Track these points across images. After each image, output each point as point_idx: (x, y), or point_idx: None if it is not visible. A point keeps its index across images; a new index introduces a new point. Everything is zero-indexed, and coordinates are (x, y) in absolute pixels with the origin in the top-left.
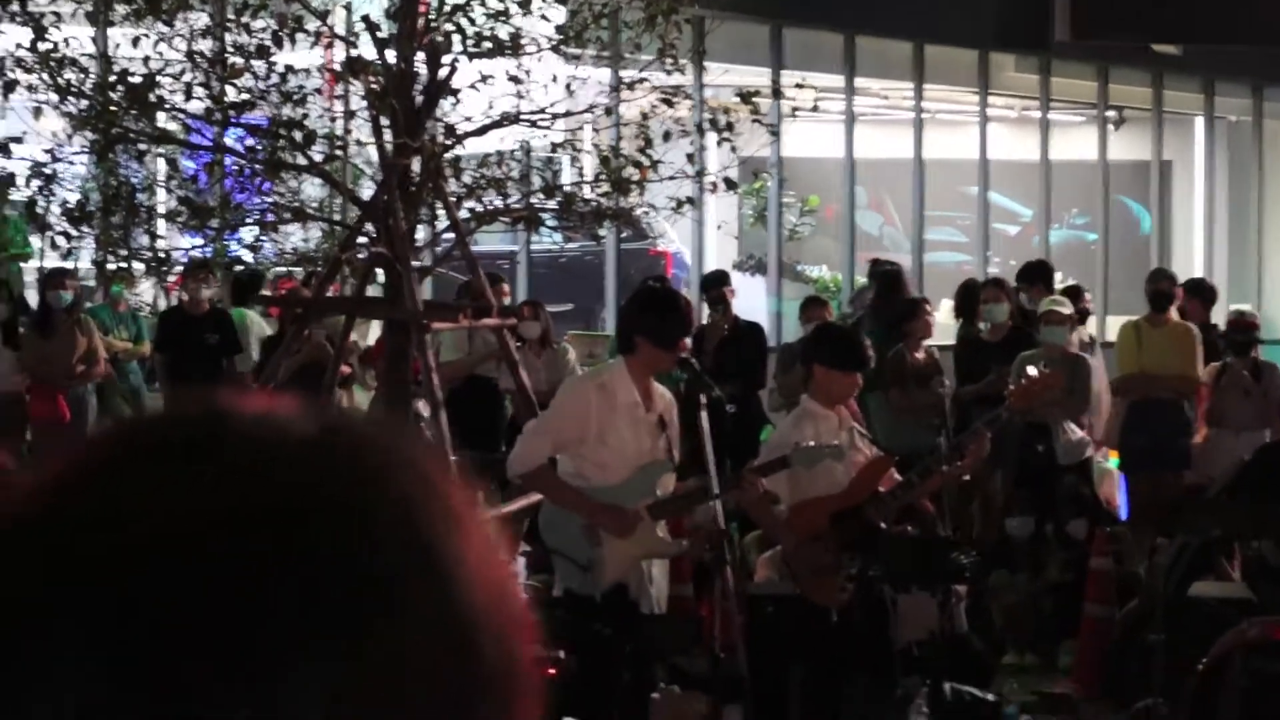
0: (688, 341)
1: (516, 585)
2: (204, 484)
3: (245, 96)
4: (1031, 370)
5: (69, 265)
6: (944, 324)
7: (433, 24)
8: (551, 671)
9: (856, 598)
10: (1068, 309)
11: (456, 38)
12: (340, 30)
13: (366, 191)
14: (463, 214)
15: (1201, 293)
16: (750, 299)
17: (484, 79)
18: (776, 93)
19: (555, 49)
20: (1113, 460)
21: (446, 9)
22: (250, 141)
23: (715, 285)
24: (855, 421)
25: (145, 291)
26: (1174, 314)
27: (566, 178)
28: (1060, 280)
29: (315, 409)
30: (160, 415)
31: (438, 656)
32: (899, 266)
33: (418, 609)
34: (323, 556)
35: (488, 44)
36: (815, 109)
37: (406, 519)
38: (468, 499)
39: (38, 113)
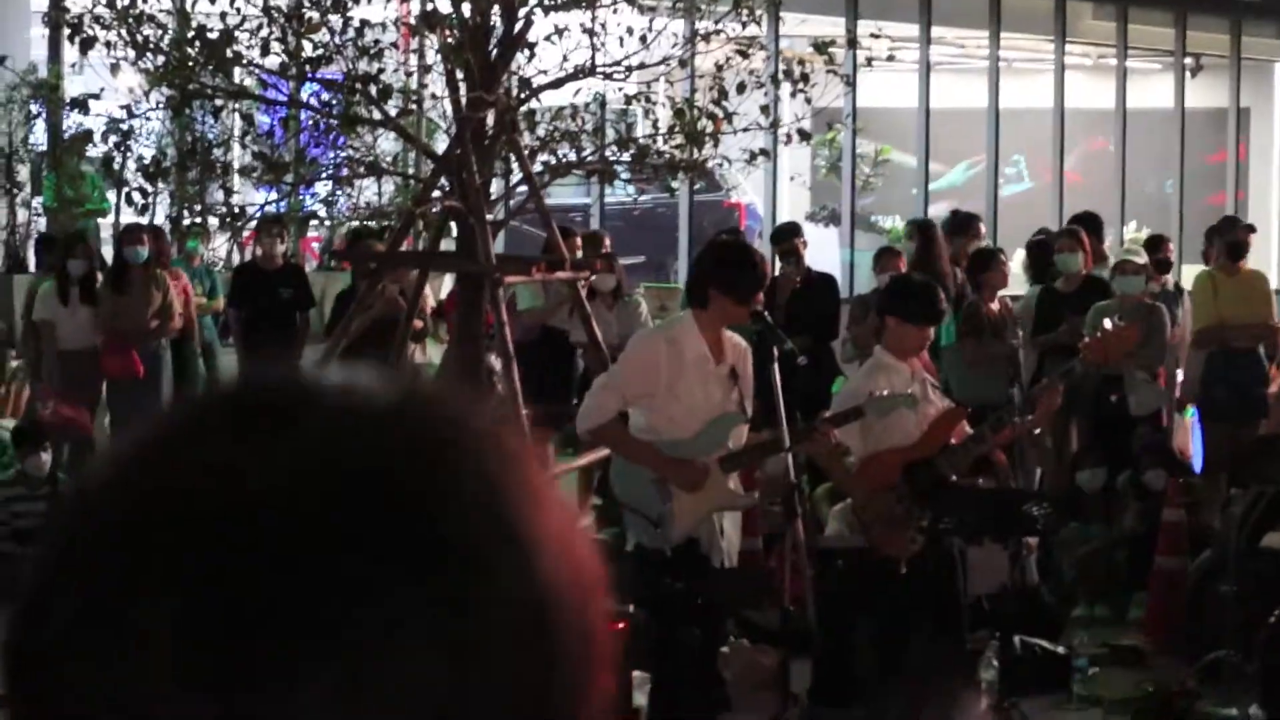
0: (761, 295)
1: (594, 556)
2: (289, 451)
3: (321, 51)
4: (1107, 323)
5: (144, 220)
6: (1017, 274)
7: None
8: (621, 625)
9: (926, 550)
10: (1142, 258)
11: None
12: None
13: (441, 146)
14: (536, 168)
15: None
16: (823, 250)
17: (559, 32)
18: (851, 42)
19: (631, 1)
20: (1188, 411)
21: None
22: (326, 96)
23: (787, 237)
24: (928, 373)
25: (220, 246)
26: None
27: (641, 130)
28: (1136, 229)
29: (396, 377)
30: (245, 382)
31: (520, 627)
32: (931, 221)
33: (501, 580)
34: (407, 527)
35: None
36: (891, 58)
37: (488, 490)
38: (544, 470)
39: (115, 69)
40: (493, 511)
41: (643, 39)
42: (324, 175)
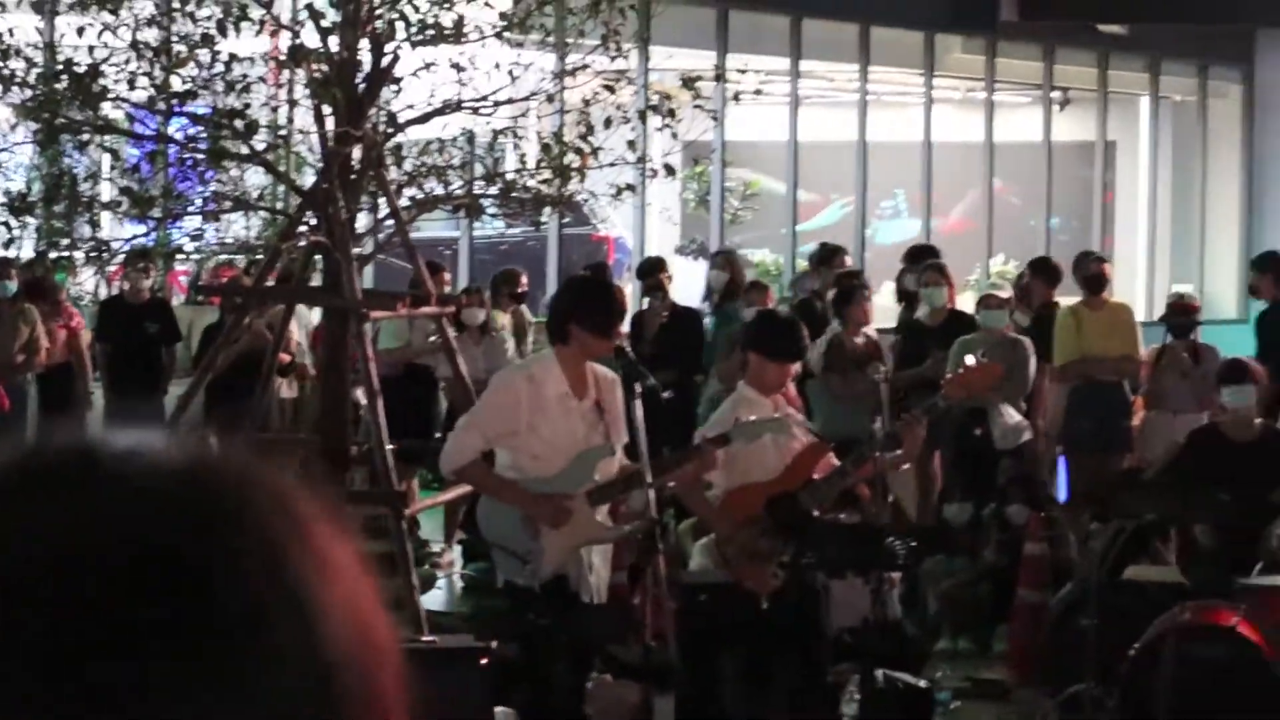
0: (623, 330)
1: (385, 620)
2: (71, 519)
3: (189, 86)
4: (969, 359)
5: (10, 255)
6: (887, 307)
7: (376, 12)
8: (484, 661)
9: (789, 584)
10: (1006, 293)
11: (400, 25)
12: (285, 18)
13: (310, 180)
14: (403, 202)
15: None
16: (693, 283)
17: (427, 66)
18: (719, 77)
19: (499, 35)
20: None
21: None
22: (193, 130)
23: (652, 272)
24: (793, 407)
25: (86, 281)
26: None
27: (509, 164)
28: (1004, 262)
29: (186, 442)
30: (30, 447)
31: (301, 695)
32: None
33: (283, 647)
34: (189, 595)
35: (430, 31)
36: (758, 93)
37: (274, 558)
38: (337, 535)
39: None
40: (275, 579)
41: (510, 74)
42: (191, 210)
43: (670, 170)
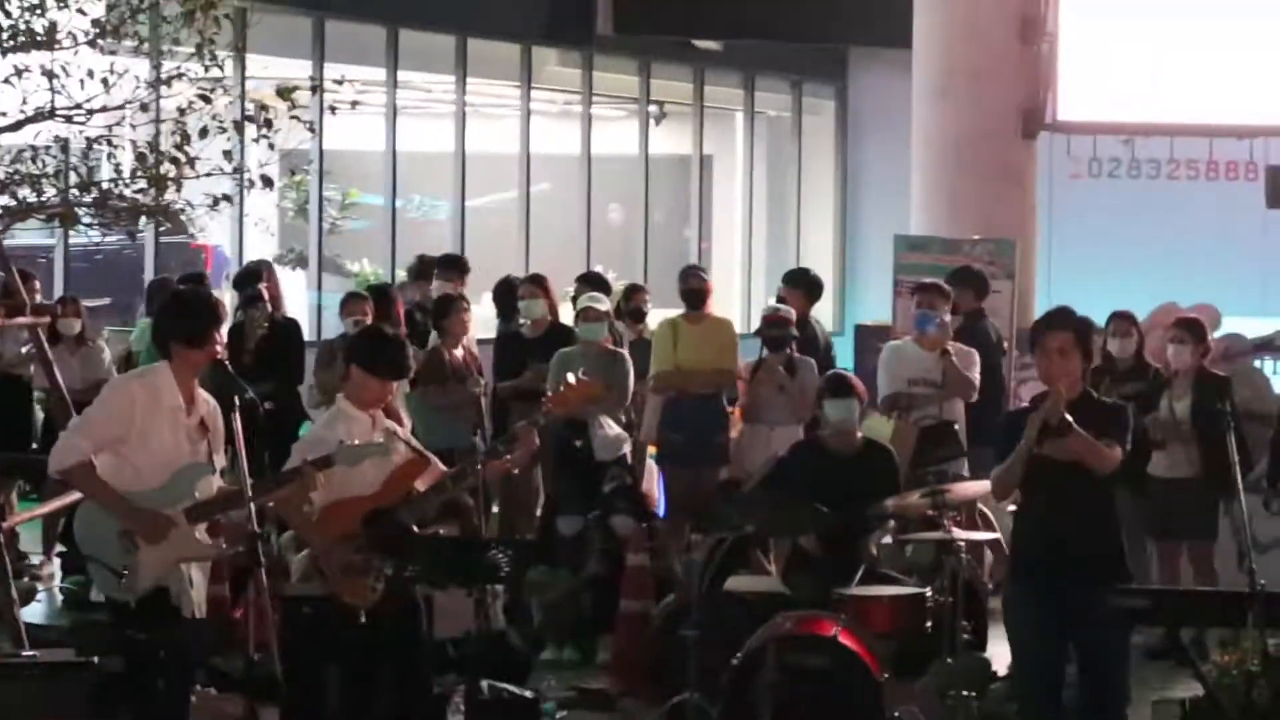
0: (220, 346)
1: None
2: None
3: None
4: (570, 377)
5: None
6: (487, 318)
7: None
8: (86, 677)
9: (389, 597)
10: (604, 305)
11: None
12: None
13: None
14: None
15: (804, 284)
16: (292, 293)
17: (19, 73)
18: (314, 89)
19: (91, 43)
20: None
21: None
22: None
23: (250, 281)
24: (393, 420)
25: None
26: (711, 309)
27: (106, 173)
28: (612, 278)
29: None
30: None
31: None
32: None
33: None
34: None
35: (22, 37)
36: (355, 105)
37: None
38: None
39: None
40: None
41: (104, 82)
42: None
43: (268, 182)
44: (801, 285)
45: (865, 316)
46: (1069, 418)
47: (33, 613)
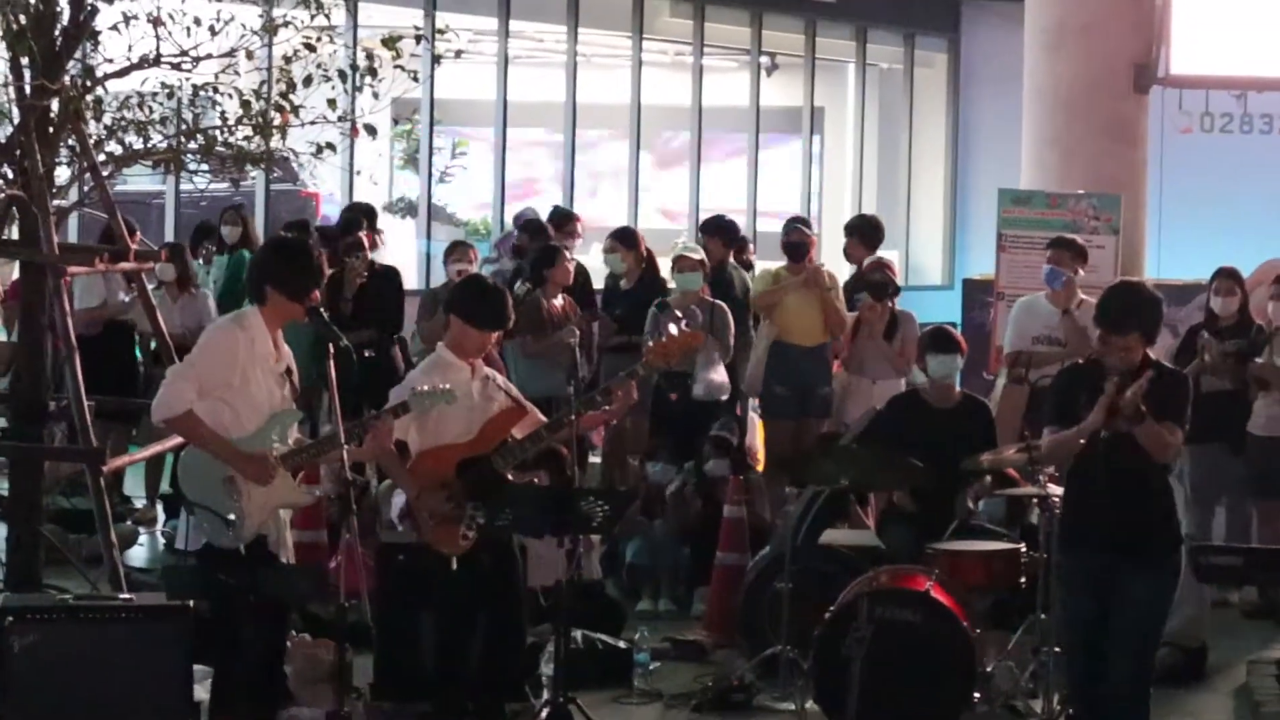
0: (317, 293)
1: None
2: None
3: None
4: (672, 328)
5: None
6: (596, 267)
7: None
8: (182, 620)
9: (483, 544)
10: (699, 254)
11: None
12: None
13: (6, 134)
14: (101, 157)
15: (720, 231)
16: (401, 242)
17: (126, 20)
18: (419, 39)
19: None
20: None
21: None
22: None
23: (352, 227)
24: (494, 369)
25: None
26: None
27: (210, 121)
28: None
29: None
30: None
31: None
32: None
33: None
34: None
35: None
36: (459, 55)
37: None
38: None
39: None
40: None
41: (211, 29)
42: None
43: (371, 131)
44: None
45: (974, 270)
46: (1143, 408)
47: (135, 556)
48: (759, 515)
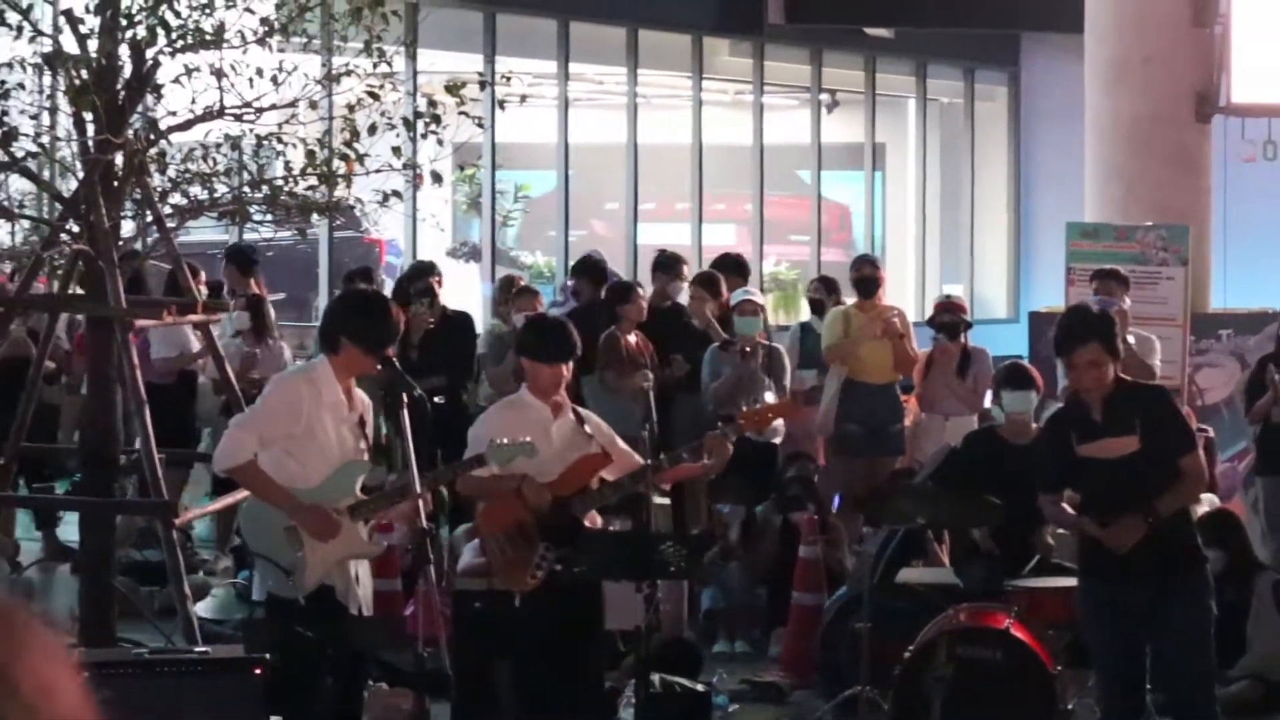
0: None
1: (85, 698)
2: None
3: None
4: (769, 397)
5: None
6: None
7: (136, 19)
8: (257, 672)
9: (561, 590)
10: (760, 299)
11: (160, 31)
12: (44, 24)
13: (73, 187)
14: (166, 209)
15: (589, 273)
16: (465, 286)
17: (188, 72)
18: (483, 84)
19: (260, 41)
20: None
21: (149, 3)
22: None
23: (421, 276)
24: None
25: None
26: (883, 298)
27: (275, 171)
28: (774, 264)
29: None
30: None
31: None
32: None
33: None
34: None
35: (191, 38)
36: (523, 100)
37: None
38: (55, 652)
39: None
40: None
41: (274, 79)
42: None
43: (437, 178)
44: (587, 274)
45: (1039, 303)
46: (1150, 520)
47: (207, 607)
48: (835, 555)
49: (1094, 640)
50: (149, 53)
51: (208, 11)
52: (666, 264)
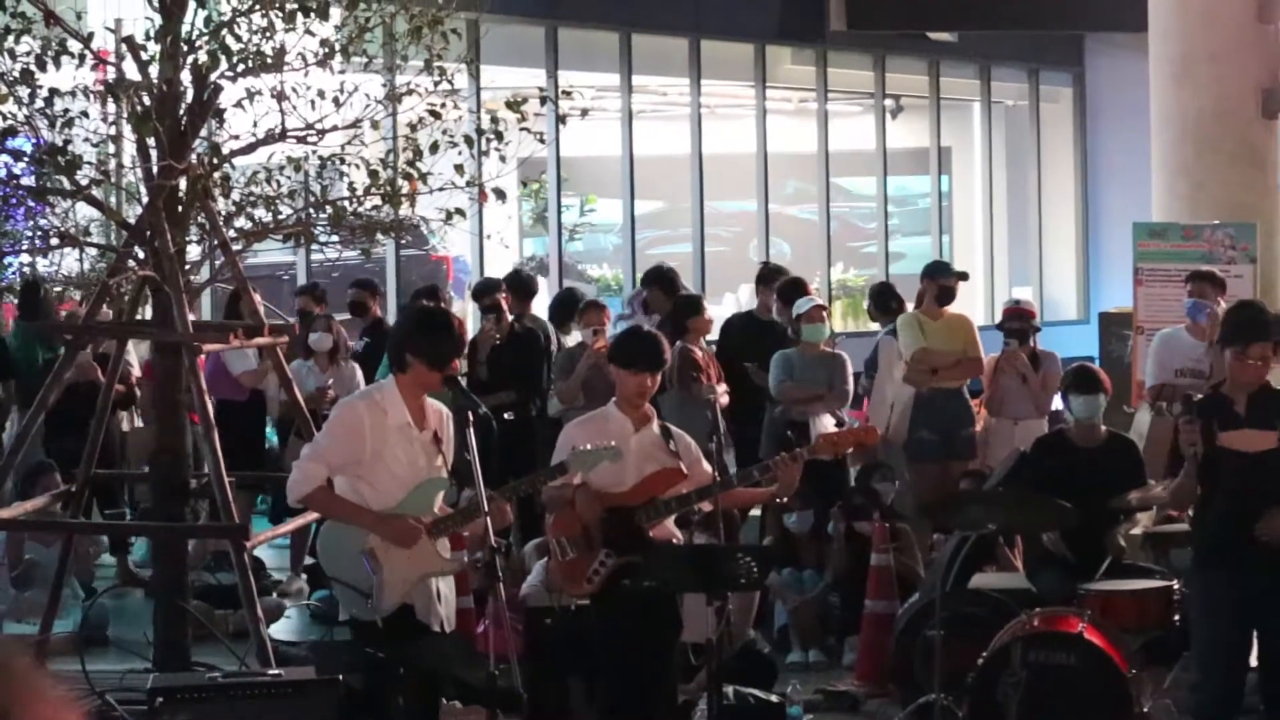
0: (458, 362)
1: None
2: None
3: (10, 122)
4: (829, 421)
5: None
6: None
7: (197, 45)
8: (331, 694)
9: (633, 604)
10: (825, 307)
11: (222, 57)
12: (106, 51)
13: (137, 214)
14: (231, 233)
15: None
16: (534, 301)
17: (250, 96)
18: (544, 100)
19: (321, 63)
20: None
21: (209, 28)
22: (17, 168)
23: (489, 292)
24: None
25: None
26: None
27: (337, 192)
28: (843, 271)
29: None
30: None
31: None
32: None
33: None
34: None
35: (252, 61)
36: (585, 114)
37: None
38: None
39: None
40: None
41: (335, 101)
42: (20, 248)
43: (501, 195)
44: (658, 284)
45: (1108, 303)
46: None
47: (282, 629)
48: (906, 562)
49: (1210, 633)
50: (210, 77)
51: (268, 35)
52: (768, 276)
